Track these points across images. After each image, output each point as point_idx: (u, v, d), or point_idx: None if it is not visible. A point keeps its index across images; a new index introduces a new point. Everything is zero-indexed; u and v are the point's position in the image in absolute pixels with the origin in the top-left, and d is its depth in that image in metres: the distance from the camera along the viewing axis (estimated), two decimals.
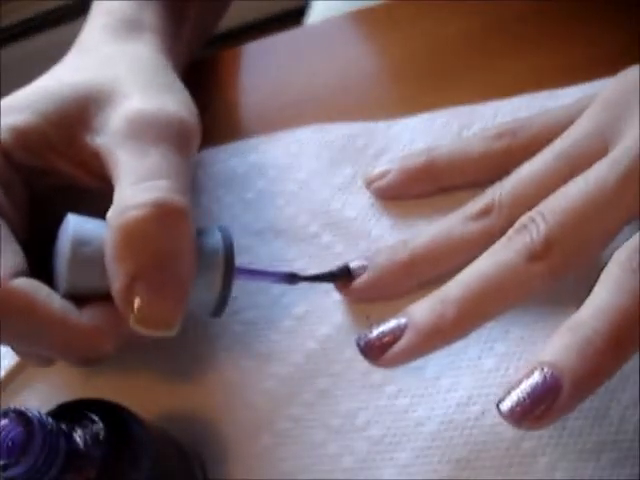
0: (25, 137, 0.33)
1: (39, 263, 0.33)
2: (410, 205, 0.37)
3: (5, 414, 0.25)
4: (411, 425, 0.31)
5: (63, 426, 0.26)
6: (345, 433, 0.32)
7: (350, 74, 0.43)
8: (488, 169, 0.34)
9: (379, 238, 0.36)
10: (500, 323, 0.32)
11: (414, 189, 0.36)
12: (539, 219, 0.28)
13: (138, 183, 0.30)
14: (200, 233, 0.32)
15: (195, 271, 0.31)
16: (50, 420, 0.25)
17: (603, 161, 0.28)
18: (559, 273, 0.28)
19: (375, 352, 0.29)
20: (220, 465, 0.33)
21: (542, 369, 0.25)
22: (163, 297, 0.29)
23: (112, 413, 0.28)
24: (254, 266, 0.35)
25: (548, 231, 0.28)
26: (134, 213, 0.29)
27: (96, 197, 0.33)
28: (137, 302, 0.29)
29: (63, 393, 0.37)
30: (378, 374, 0.33)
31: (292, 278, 0.34)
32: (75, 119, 0.33)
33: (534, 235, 0.28)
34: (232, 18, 0.54)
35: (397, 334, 0.29)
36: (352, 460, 0.31)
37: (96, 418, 0.28)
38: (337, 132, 0.40)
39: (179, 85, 0.37)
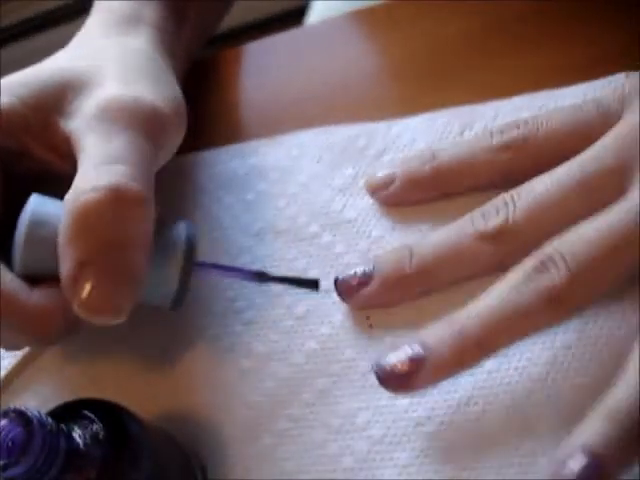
0: (3, 118, 0.33)
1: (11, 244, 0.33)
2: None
3: (5, 414, 0.25)
4: (411, 425, 0.31)
5: (63, 426, 0.26)
6: (345, 433, 0.32)
7: (350, 74, 0.43)
8: (495, 179, 0.34)
9: (379, 239, 0.36)
10: None
11: (418, 196, 0.36)
12: (561, 263, 0.28)
13: (97, 166, 0.30)
14: (165, 226, 0.32)
15: (148, 261, 0.30)
16: (50, 420, 0.25)
17: (623, 204, 0.29)
18: (574, 314, 0.29)
19: (393, 383, 0.30)
20: (220, 465, 0.33)
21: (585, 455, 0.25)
22: (111, 284, 0.29)
23: (112, 413, 0.28)
24: (220, 262, 0.35)
25: (570, 278, 0.28)
26: (88, 196, 0.29)
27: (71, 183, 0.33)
28: (83, 288, 0.29)
29: (63, 393, 0.37)
30: None
31: (260, 276, 0.34)
32: (52, 103, 0.33)
33: (556, 280, 0.28)
34: (232, 18, 0.54)
35: (415, 365, 0.29)
36: (352, 460, 0.31)
37: (96, 418, 0.28)
38: (338, 134, 0.40)
39: (166, 77, 0.37)
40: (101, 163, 0.30)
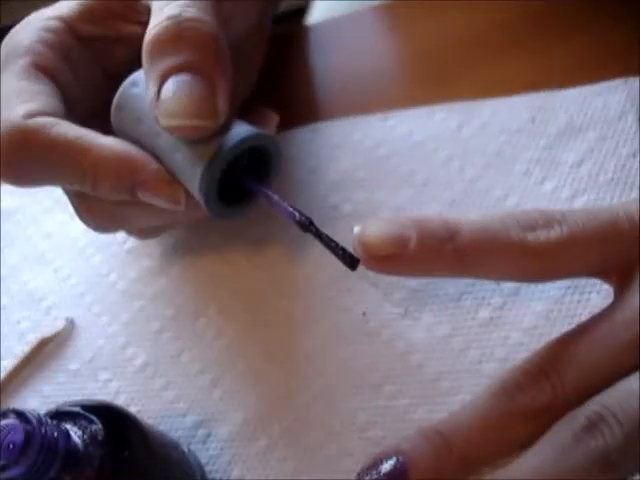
0: (89, 10, 0.35)
1: None
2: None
3: (5, 415, 0.25)
4: (411, 427, 0.31)
5: (62, 426, 0.26)
6: (345, 434, 0.32)
7: (350, 74, 0.43)
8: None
9: None
10: (500, 329, 0.32)
11: (432, 270, 0.29)
12: (613, 422, 0.24)
13: (161, 9, 0.31)
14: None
15: (230, 77, 0.31)
16: (49, 420, 0.25)
17: None
18: (623, 475, 0.25)
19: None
20: (219, 465, 0.33)
21: None
22: (203, 84, 0.30)
23: (110, 414, 0.28)
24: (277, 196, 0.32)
25: (623, 437, 0.24)
26: (153, 30, 0.30)
27: None
28: (170, 92, 0.30)
29: (63, 393, 0.37)
30: (376, 374, 0.33)
31: (306, 226, 0.30)
32: None
33: (608, 439, 0.24)
34: None
35: None
36: (352, 461, 0.31)
37: (95, 419, 0.28)
38: (333, 128, 0.40)
39: None
40: (162, 7, 0.31)
